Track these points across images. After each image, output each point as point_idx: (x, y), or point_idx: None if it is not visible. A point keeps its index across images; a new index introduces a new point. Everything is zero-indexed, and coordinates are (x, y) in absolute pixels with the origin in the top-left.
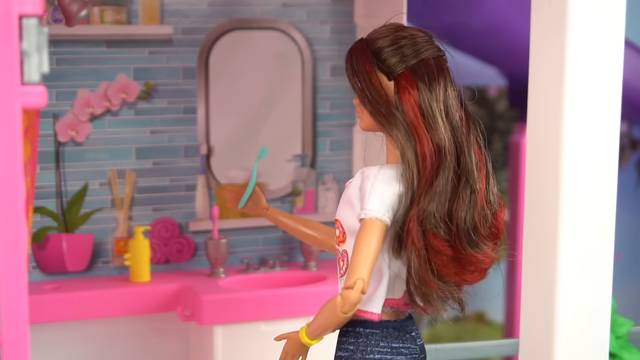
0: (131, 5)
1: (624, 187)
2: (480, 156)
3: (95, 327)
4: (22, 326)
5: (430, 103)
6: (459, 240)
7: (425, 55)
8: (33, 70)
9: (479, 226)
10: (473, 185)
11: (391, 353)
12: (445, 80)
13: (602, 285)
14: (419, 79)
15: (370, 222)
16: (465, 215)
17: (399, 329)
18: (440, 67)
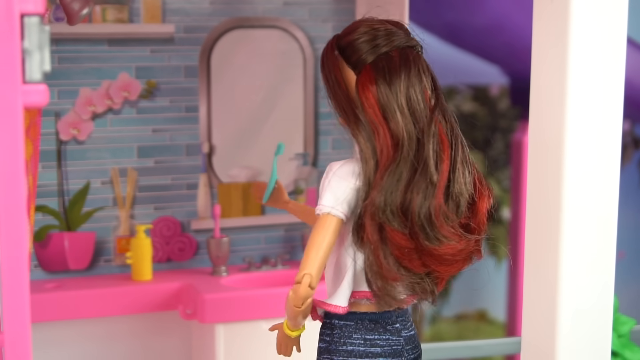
0: (133, 3)
1: (626, 185)
2: (445, 146)
3: (96, 325)
4: (23, 325)
5: (389, 97)
6: (415, 233)
7: (387, 48)
8: (35, 68)
9: (436, 218)
10: (430, 177)
11: (364, 345)
12: (409, 71)
13: (604, 283)
14: (379, 74)
15: (323, 218)
16: (420, 207)
17: (376, 320)
18: (404, 58)
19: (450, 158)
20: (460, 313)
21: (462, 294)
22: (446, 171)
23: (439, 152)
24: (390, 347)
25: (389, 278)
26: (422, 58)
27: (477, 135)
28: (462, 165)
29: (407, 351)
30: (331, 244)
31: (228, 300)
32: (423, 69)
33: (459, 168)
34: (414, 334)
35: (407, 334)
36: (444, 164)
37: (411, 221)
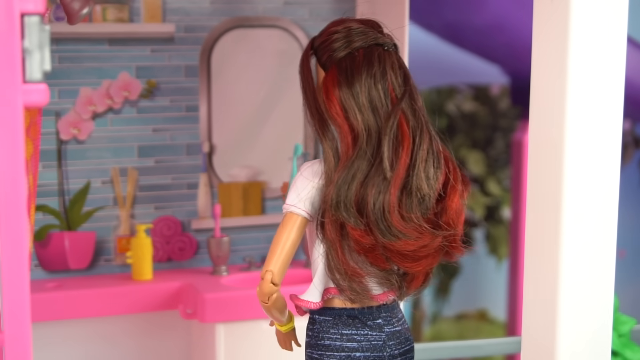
0: (133, 3)
1: (626, 185)
2: (405, 141)
3: (97, 325)
4: (24, 324)
5: (350, 98)
6: (370, 229)
7: (353, 47)
8: (35, 68)
9: (390, 214)
10: (384, 172)
11: (341, 339)
12: (372, 69)
13: (605, 283)
14: (341, 74)
15: (286, 216)
16: (374, 203)
17: (355, 316)
18: (369, 56)
19: (410, 153)
20: (460, 313)
21: (463, 294)
22: (403, 166)
23: (397, 147)
24: (368, 342)
25: (352, 274)
26: (393, 55)
27: (478, 135)
28: (426, 162)
29: (389, 346)
30: (294, 241)
31: (228, 299)
32: (390, 65)
33: (421, 164)
34: (401, 329)
35: (391, 330)
36: (401, 159)
37: (366, 217)
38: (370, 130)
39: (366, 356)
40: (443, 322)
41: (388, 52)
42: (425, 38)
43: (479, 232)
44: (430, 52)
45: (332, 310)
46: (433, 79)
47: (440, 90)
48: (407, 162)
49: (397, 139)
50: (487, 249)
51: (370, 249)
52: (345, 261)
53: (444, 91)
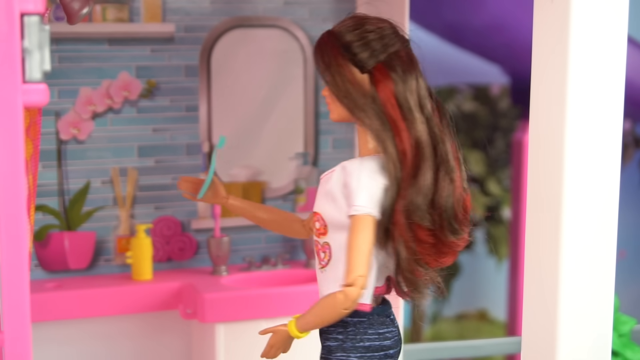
0: (133, 3)
1: (627, 185)
2: (453, 144)
3: (97, 325)
4: (24, 324)
5: (405, 95)
6: (441, 228)
7: (394, 49)
8: (35, 68)
9: (458, 213)
10: (451, 175)
11: (379, 339)
12: (416, 71)
13: (605, 283)
14: (393, 72)
15: (363, 218)
16: (446, 204)
17: (381, 314)
18: (410, 58)
19: (458, 155)
20: (461, 313)
21: (463, 294)
22: (458, 167)
23: (452, 150)
24: (394, 338)
25: (417, 274)
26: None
27: (478, 135)
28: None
29: (401, 339)
30: (373, 244)
31: (228, 299)
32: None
33: (463, 164)
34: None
35: (397, 324)
36: (456, 161)
37: (439, 217)
38: (427, 131)
39: (396, 352)
40: (443, 322)
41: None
42: (426, 38)
43: (478, 232)
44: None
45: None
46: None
47: (440, 90)
48: (458, 164)
49: (449, 142)
50: (487, 249)
51: (428, 248)
52: (413, 260)
53: (444, 91)
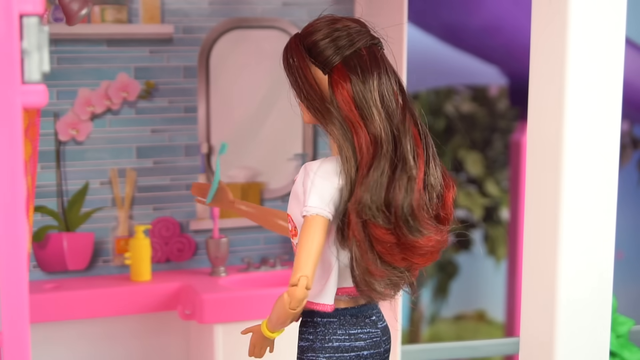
0: (132, 4)
1: (625, 186)
2: (418, 141)
3: (95, 326)
4: (22, 325)
5: (364, 94)
6: (398, 227)
7: (357, 46)
8: (34, 69)
9: (417, 212)
10: (409, 172)
11: (349, 339)
12: (379, 68)
13: (603, 284)
14: (351, 71)
15: (311, 219)
16: (403, 202)
17: (356, 315)
18: (373, 56)
19: (424, 152)
20: (459, 313)
21: (461, 295)
22: (422, 165)
23: (414, 147)
24: (371, 340)
25: (375, 274)
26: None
27: (477, 136)
28: (433, 159)
29: (383, 342)
30: (322, 245)
31: (227, 300)
32: (390, 66)
33: (432, 161)
34: (386, 325)
35: (382, 325)
36: (420, 158)
37: (395, 216)
38: (387, 131)
39: (371, 353)
40: (441, 322)
41: (383, 53)
42: (424, 39)
43: (477, 233)
44: (428, 53)
45: (337, 310)
46: (431, 80)
47: (438, 91)
48: (424, 161)
49: (412, 139)
50: (485, 250)
51: (390, 247)
52: (370, 260)
53: (442, 92)
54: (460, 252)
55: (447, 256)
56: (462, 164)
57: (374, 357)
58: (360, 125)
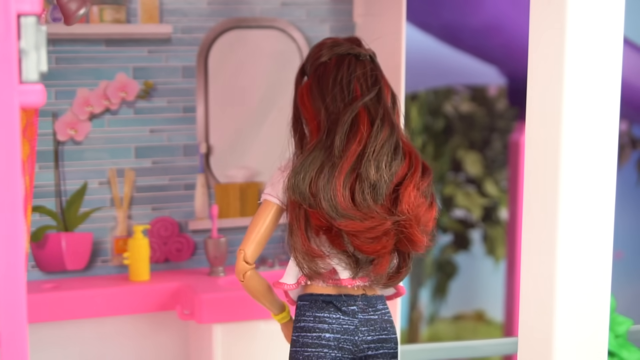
0: (130, 4)
1: (623, 185)
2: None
3: (94, 326)
4: (20, 325)
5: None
6: (325, 211)
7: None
8: (31, 68)
9: (334, 196)
10: (334, 159)
11: (314, 321)
12: (340, 73)
13: (601, 283)
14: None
15: (262, 204)
16: (324, 186)
17: (330, 302)
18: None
19: (363, 143)
20: (458, 313)
21: (460, 295)
22: (352, 154)
23: (350, 137)
24: (340, 326)
25: (312, 255)
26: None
27: (475, 136)
28: (379, 152)
29: (361, 331)
30: (267, 226)
31: (225, 300)
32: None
33: (371, 154)
34: (377, 318)
35: (364, 317)
36: (351, 147)
37: (319, 199)
38: (331, 125)
39: (336, 337)
40: (440, 322)
41: (361, 61)
42: (423, 39)
43: (476, 233)
44: (427, 53)
45: (311, 295)
46: (430, 80)
47: (437, 91)
48: (357, 151)
49: (352, 131)
50: (484, 250)
51: (327, 230)
52: (304, 242)
53: (441, 92)
54: (459, 252)
55: (446, 256)
56: (461, 164)
57: (339, 342)
58: (313, 124)
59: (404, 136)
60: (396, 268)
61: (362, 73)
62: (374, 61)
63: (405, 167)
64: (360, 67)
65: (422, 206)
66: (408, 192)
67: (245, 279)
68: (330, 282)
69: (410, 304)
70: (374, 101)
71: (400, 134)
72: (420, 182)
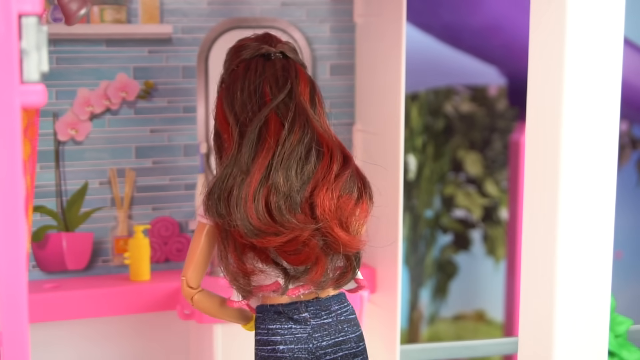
0: (131, 4)
1: (623, 185)
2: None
3: (94, 325)
4: (21, 325)
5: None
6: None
7: (235, 63)
8: (32, 69)
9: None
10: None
11: (267, 334)
12: (246, 80)
13: (602, 283)
14: (224, 90)
15: (197, 225)
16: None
17: (280, 312)
18: (246, 68)
19: (271, 152)
20: (458, 313)
21: (460, 295)
22: (260, 165)
23: (258, 146)
24: (292, 336)
25: (237, 271)
26: (277, 62)
27: (476, 136)
28: (288, 159)
29: (315, 338)
30: (204, 246)
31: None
32: (270, 73)
33: (278, 162)
34: (331, 322)
35: (317, 322)
36: (258, 159)
37: (235, 219)
38: (240, 137)
39: (290, 348)
40: (441, 322)
41: (271, 61)
42: (423, 39)
43: (476, 233)
44: (427, 53)
45: (263, 307)
46: (430, 80)
47: (437, 92)
48: (264, 163)
49: (259, 141)
50: (484, 250)
51: (252, 247)
52: (235, 261)
53: (441, 92)
54: (459, 252)
55: (446, 256)
56: (462, 164)
57: (294, 352)
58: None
59: (323, 130)
60: (342, 269)
61: (272, 74)
62: (287, 57)
63: (320, 169)
64: (269, 68)
65: (347, 204)
66: (321, 197)
67: (195, 303)
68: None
69: (411, 304)
70: (285, 102)
71: (319, 130)
72: (335, 182)
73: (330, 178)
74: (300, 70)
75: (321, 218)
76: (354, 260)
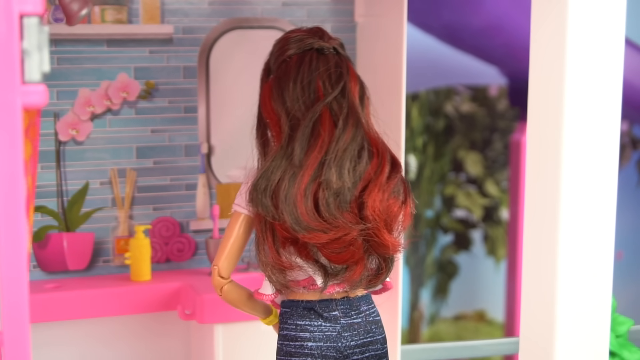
0: (132, 4)
1: (624, 186)
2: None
3: (95, 326)
4: (22, 325)
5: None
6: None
7: (287, 55)
8: (34, 69)
9: (296, 207)
10: (294, 165)
11: (295, 330)
12: (300, 73)
13: (602, 284)
14: (275, 82)
15: (232, 215)
16: (285, 196)
17: (311, 308)
18: (300, 61)
19: (324, 148)
20: (459, 313)
21: (461, 295)
22: (314, 161)
23: (312, 141)
24: (322, 333)
25: (278, 266)
26: (330, 58)
27: (476, 136)
28: (341, 157)
29: (344, 337)
30: (238, 237)
31: None
32: (323, 68)
33: (333, 159)
34: (360, 322)
35: (347, 322)
36: (312, 154)
37: (282, 212)
38: (292, 130)
39: (319, 346)
40: (441, 322)
41: (324, 56)
42: (423, 39)
43: (477, 233)
44: (428, 53)
45: (292, 302)
46: (431, 80)
47: (438, 92)
48: (318, 158)
49: (313, 136)
50: (485, 250)
51: (294, 241)
52: (272, 255)
53: (442, 92)
54: (460, 252)
55: (447, 256)
56: (462, 164)
57: (322, 350)
58: (276, 130)
59: (372, 131)
60: (375, 270)
61: (326, 69)
62: (340, 53)
63: (372, 169)
64: (323, 63)
65: (393, 206)
66: (372, 197)
67: (224, 293)
68: (311, 288)
69: (411, 304)
70: (338, 99)
71: (368, 131)
72: (386, 184)
73: (382, 179)
74: (351, 68)
75: (370, 218)
76: (390, 263)
